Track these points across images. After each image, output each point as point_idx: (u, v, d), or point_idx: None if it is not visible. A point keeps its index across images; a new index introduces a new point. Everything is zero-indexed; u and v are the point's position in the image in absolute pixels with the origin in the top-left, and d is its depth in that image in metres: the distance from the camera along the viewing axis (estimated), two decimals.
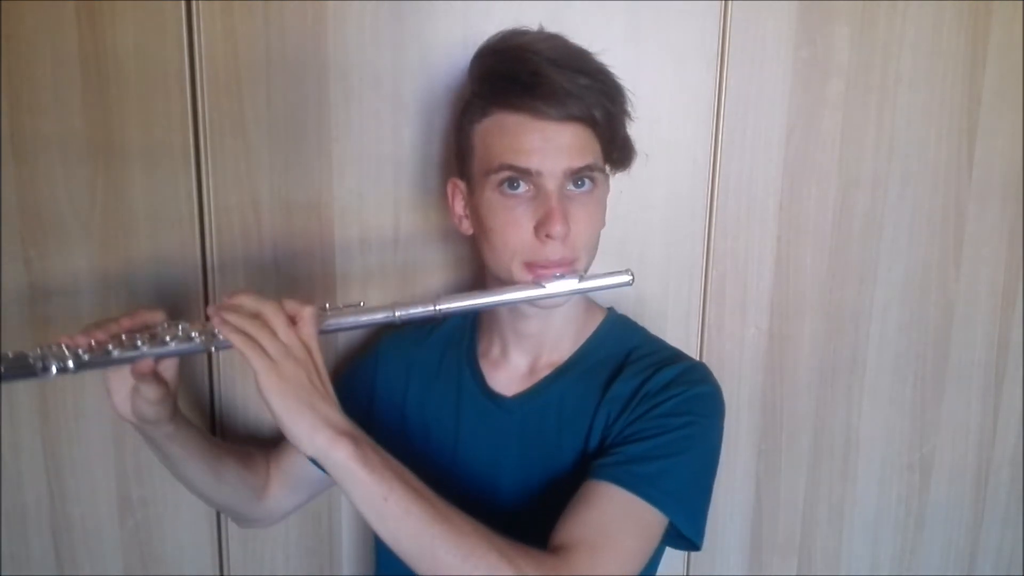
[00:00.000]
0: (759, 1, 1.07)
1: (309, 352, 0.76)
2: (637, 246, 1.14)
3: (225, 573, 1.19)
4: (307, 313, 0.77)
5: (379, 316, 0.81)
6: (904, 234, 1.17)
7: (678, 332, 1.16)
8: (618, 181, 1.10)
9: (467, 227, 0.91)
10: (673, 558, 1.24)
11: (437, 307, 0.81)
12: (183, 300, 1.09)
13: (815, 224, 1.15)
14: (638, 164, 1.10)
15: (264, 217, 1.08)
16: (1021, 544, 1.31)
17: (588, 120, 0.82)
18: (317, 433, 0.72)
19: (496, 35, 0.88)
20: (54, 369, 0.76)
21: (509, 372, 0.95)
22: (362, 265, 1.11)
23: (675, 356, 0.93)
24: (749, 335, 1.18)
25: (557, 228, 0.80)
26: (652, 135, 1.10)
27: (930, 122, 1.14)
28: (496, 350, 0.96)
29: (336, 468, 0.72)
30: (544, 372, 0.94)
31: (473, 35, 0.90)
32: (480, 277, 1.03)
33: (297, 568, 1.20)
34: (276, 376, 0.73)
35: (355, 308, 0.82)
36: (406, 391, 0.99)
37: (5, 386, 1.09)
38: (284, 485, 1.04)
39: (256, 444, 1.10)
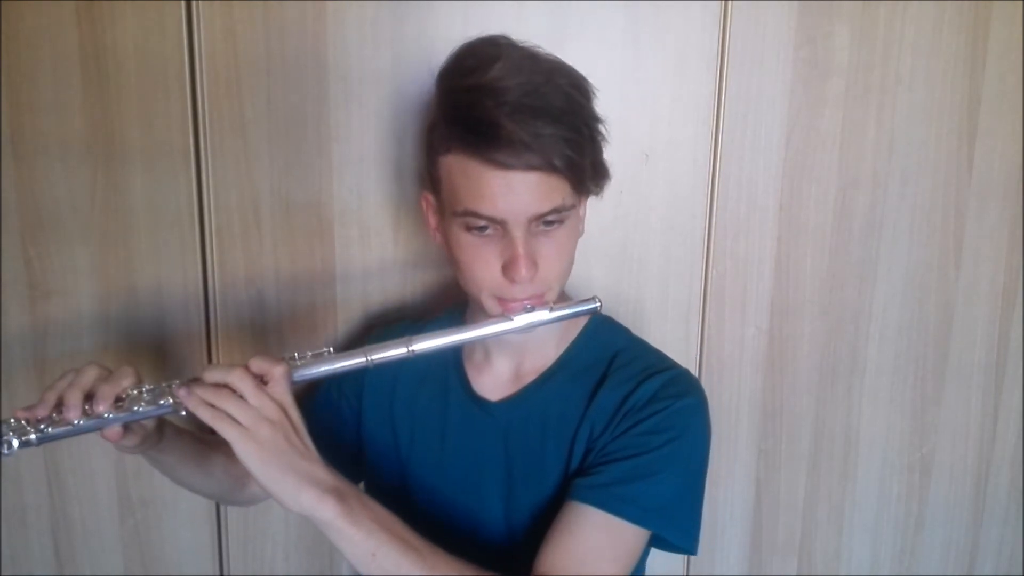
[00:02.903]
0: (759, 1, 1.07)
1: (284, 410, 0.75)
2: (637, 247, 1.14)
3: (225, 573, 1.19)
4: (278, 373, 0.76)
5: (353, 362, 0.80)
6: (904, 234, 1.17)
7: (678, 332, 1.16)
8: (618, 181, 1.10)
9: (440, 240, 0.90)
10: (673, 558, 1.24)
11: (411, 348, 0.81)
12: (183, 300, 1.09)
13: (815, 224, 1.15)
14: (638, 164, 1.10)
15: (264, 217, 1.08)
16: (1021, 544, 1.31)
17: (549, 168, 0.77)
18: (301, 493, 0.72)
19: (465, 53, 0.82)
20: (15, 444, 0.74)
21: (493, 377, 0.95)
22: (362, 265, 1.11)
23: (658, 363, 0.92)
24: (749, 335, 1.18)
25: (523, 273, 0.79)
26: (652, 135, 1.10)
27: (930, 122, 1.14)
28: (479, 354, 0.96)
29: (324, 526, 0.73)
30: (529, 377, 0.93)
31: (473, 35, 0.89)
32: None
33: (297, 568, 1.20)
34: (251, 443, 0.73)
35: (328, 356, 0.81)
36: (394, 393, 0.99)
37: (5, 386, 1.09)
38: None
39: None
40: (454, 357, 0.97)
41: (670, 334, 1.16)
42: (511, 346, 0.93)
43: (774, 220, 1.15)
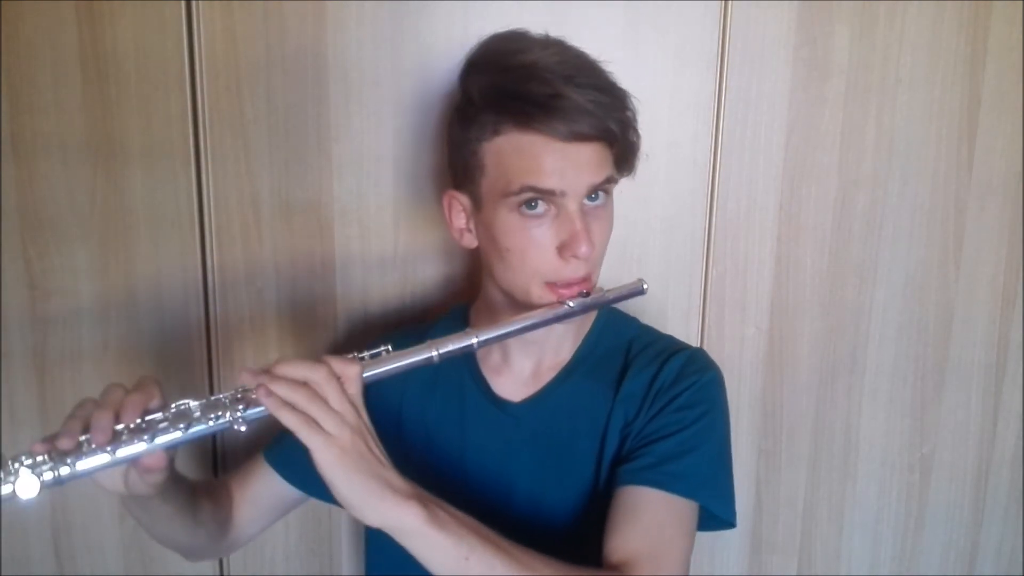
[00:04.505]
0: (759, 1, 1.07)
1: (359, 414, 0.72)
2: (637, 246, 1.14)
3: (225, 573, 1.19)
4: (353, 373, 0.73)
5: (419, 357, 0.77)
6: (904, 234, 1.17)
7: (678, 332, 1.15)
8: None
9: (469, 240, 0.89)
10: None
11: (478, 339, 0.79)
12: (183, 300, 1.09)
13: (815, 224, 1.15)
14: (638, 164, 1.10)
15: (264, 217, 1.08)
16: (1021, 544, 1.31)
17: (605, 136, 0.81)
18: (384, 503, 0.69)
19: (494, 43, 0.86)
20: (37, 485, 0.64)
21: (513, 377, 0.94)
22: (362, 265, 1.11)
23: (674, 344, 0.95)
24: (749, 335, 1.18)
25: (584, 249, 0.80)
26: (652, 135, 1.09)
27: (930, 122, 1.14)
28: (497, 356, 0.95)
29: (408, 535, 0.69)
30: (549, 374, 0.93)
31: (473, 35, 0.89)
32: (476, 281, 1.02)
33: (297, 568, 1.20)
34: (336, 450, 0.68)
35: (392, 354, 0.77)
36: (401, 403, 0.97)
37: (5, 386, 1.09)
38: (250, 512, 0.99)
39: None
40: (468, 361, 0.96)
41: (670, 334, 1.15)
42: (531, 344, 0.92)
43: (774, 220, 1.15)
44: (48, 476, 0.65)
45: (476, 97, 0.84)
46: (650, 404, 0.88)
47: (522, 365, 0.94)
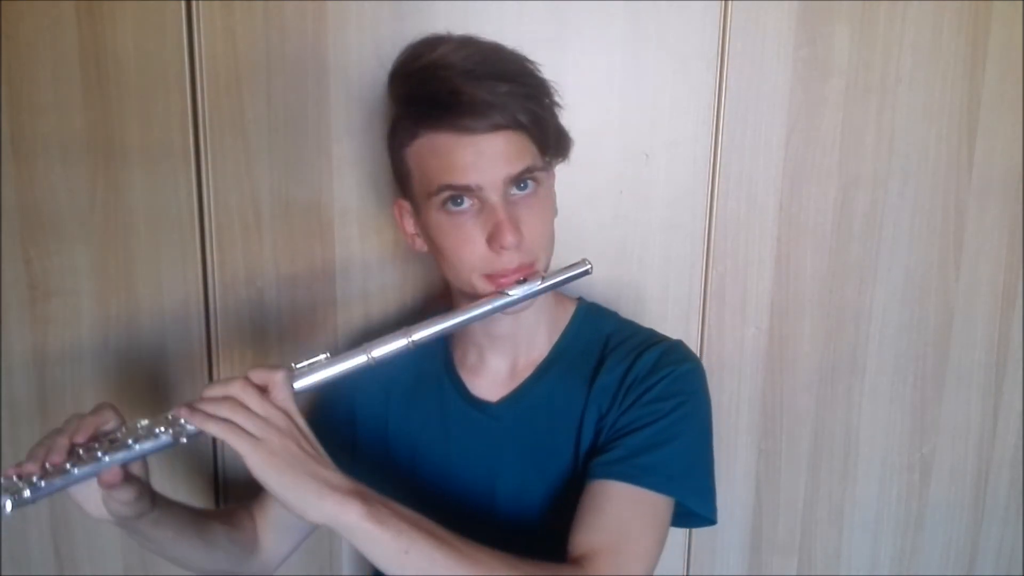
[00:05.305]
0: (759, 1, 1.07)
1: (290, 417, 0.74)
2: (637, 246, 1.14)
3: None
4: (278, 379, 0.75)
5: (354, 362, 0.78)
6: (904, 234, 1.17)
7: (678, 332, 1.15)
8: (618, 181, 1.10)
9: (420, 245, 0.90)
10: (673, 558, 1.24)
11: (411, 338, 0.79)
12: (183, 300, 1.09)
13: (815, 224, 1.15)
14: (638, 164, 1.10)
15: (264, 217, 1.08)
16: (1021, 544, 1.31)
17: (515, 125, 0.80)
18: (323, 500, 0.70)
19: (408, 49, 0.87)
20: (8, 505, 0.70)
21: (490, 377, 0.94)
22: (362, 265, 1.11)
23: (652, 337, 0.94)
24: (749, 335, 1.18)
25: (508, 239, 0.80)
26: (652, 135, 1.10)
27: (930, 122, 1.13)
28: (472, 357, 0.95)
29: (349, 531, 0.70)
30: (525, 372, 0.94)
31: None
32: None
33: (297, 568, 1.20)
34: (265, 453, 0.70)
35: (327, 359, 0.78)
36: (387, 413, 0.98)
37: (5, 386, 1.09)
38: (275, 534, 1.00)
39: (237, 500, 1.08)
40: (446, 364, 0.97)
41: (670, 334, 1.15)
42: (504, 342, 0.93)
43: (774, 220, 1.15)
44: (18, 496, 0.71)
45: (395, 105, 0.86)
46: (623, 397, 0.88)
47: (498, 365, 0.94)
